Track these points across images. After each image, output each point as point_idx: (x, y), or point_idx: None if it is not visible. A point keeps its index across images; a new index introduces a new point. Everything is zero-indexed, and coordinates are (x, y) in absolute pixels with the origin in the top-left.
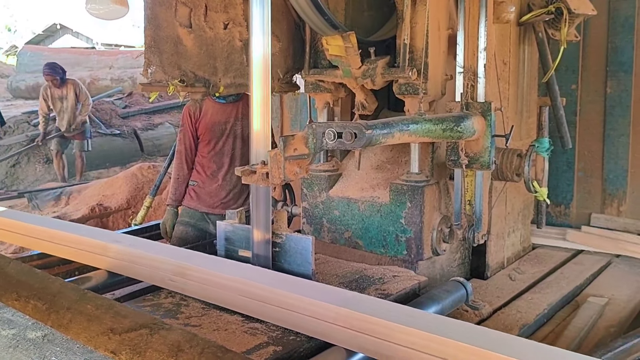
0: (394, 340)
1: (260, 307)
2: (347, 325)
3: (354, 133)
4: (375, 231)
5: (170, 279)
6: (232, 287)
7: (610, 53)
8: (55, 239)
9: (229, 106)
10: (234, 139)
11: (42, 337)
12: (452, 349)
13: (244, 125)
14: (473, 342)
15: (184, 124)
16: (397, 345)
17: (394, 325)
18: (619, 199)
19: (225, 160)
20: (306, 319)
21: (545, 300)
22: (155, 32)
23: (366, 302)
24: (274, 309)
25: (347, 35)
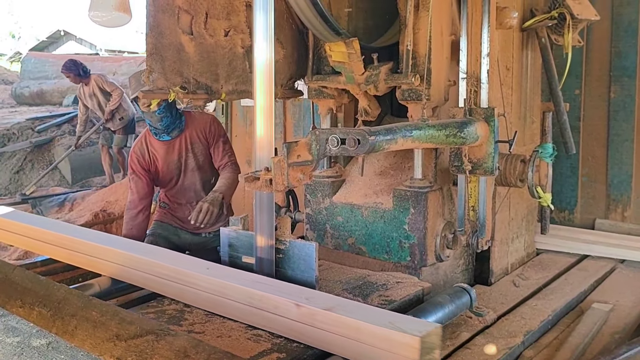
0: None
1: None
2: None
3: (357, 139)
4: (378, 237)
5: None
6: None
7: (614, 58)
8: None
9: (176, 142)
10: (192, 172)
11: (47, 345)
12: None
13: (197, 154)
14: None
15: (134, 171)
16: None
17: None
18: (623, 204)
19: (190, 194)
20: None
21: (550, 307)
22: (157, 39)
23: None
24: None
25: (350, 42)
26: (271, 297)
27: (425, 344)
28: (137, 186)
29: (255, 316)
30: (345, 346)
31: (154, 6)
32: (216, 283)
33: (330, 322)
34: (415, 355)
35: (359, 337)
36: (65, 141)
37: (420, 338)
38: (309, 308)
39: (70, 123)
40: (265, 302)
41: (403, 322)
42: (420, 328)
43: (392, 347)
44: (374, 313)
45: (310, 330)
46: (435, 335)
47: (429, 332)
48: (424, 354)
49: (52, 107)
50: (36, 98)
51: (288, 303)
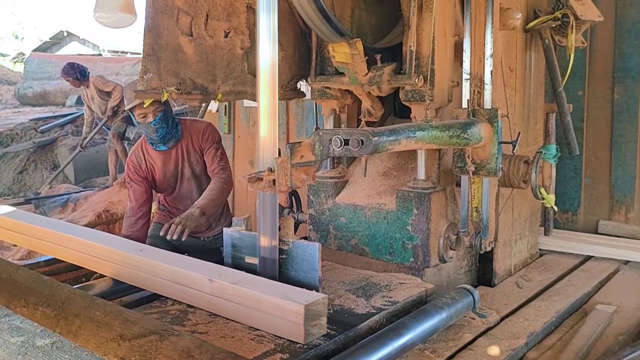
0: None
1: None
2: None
3: (361, 140)
4: (381, 238)
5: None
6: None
7: (617, 59)
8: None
9: (172, 152)
10: (188, 181)
11: (51, 345)
12: None
13: (192, 164)
14: None
15: (132, 179)
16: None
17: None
18: (626, 205)
19: (187, 202)
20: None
21: (553, 308)
22: (155, 40)
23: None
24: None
25: (353, 42)
26: (190, 274)
27: (309, 311)
28: (135, 193)
29: (179, 291)
30: (248, 315)
31: (154, 7)
32: (148, 263)
33: (237, 295)
34: (300, 321)
35: (259, 307)
36: (68, 141)
37: (304, 305)
38: (220, 283)
39: (73, 124)
40: (186, 279)
41: (295, 293)
42: (307, 298)
43: (284, 314)
44: (273, 286)
45: (221, 302)
46: (321, 304)
47: (314, 301)
48: (309, 319)
49: (55, 107)
50: (39, 98)
51: (203, 279)
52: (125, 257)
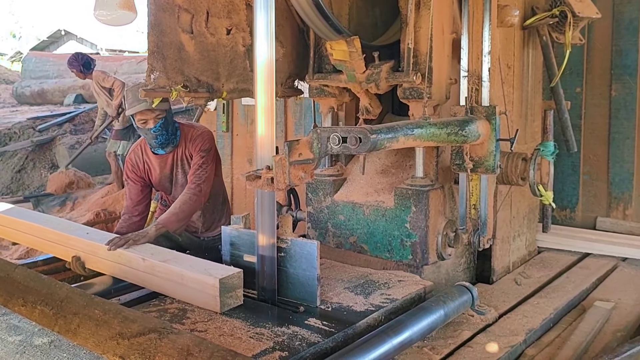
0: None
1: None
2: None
3: (359, 137)
4: (380, 236)
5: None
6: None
7: (615, 56)
8: (55, 238)
9: (169, 157)
10: (181, 187)
11: (49, 344)
12: None
13: (185, 170)
14: None
15: (129, 177)
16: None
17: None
18: (624, 202)
19: None
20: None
21: (552, 305)
22: (159, 38)
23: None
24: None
25: (351, 40)
26: (127, 253)
27: (224, 284)
28: (131, 192)
29: (118, 269)
30: (175, 289)
31: (155, 5)
32: (91, 244)
33: (165, 272)
34: (216, 293)
35: (184, 282)
36: (66, 140)
37: (219, 279)
38: (151, 261)
39: (71, 122)
40: (123, 258)
41: (215, 269)
42: (223, 272)
43: (203, 287)
44: (197, 263)
45: (151, 278)
46: (236, 278)
47: (228, 275)
48: (224, 291)
49: (53, 106)
50: (37, 97)
51: (137, 258)
52: (70, 240)
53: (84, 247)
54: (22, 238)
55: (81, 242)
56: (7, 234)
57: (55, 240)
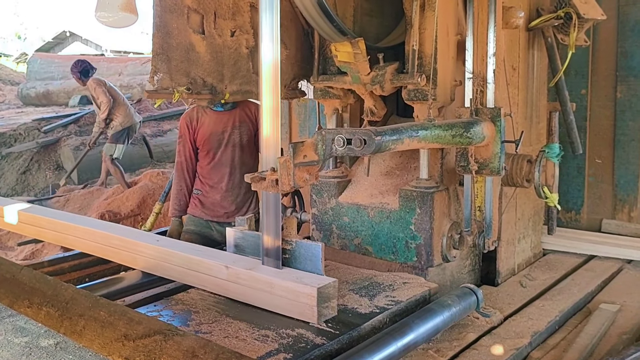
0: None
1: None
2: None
3: (363, 139)
4: (384, 237)
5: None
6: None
7: (620, 57)
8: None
9: (226, 114)
10: (232, 148)
11: (55, 345)
12: None
13: (243, 132)
14: None
15: (182, 135)
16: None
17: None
18: (630, 204)
19: (225, 171)
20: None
21: (557, 307)
22: (164, 40)
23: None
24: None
25: (355, 42)
26: (205, 261)
27: (321, 293)
28: (183, 148)
29: (191, 277)
30: (262, 298)
31: (161, 6)
32: (161, 251)
33: (251, 280)
34: (314, 303)
35: (273, 290)
36: (71, 141)
37: (317, 288)
38: (235, 269)
39: (76, 124)
40: (201, 266)
41: (307, 278)
42: (319, 281)
43: (297, 297)
44: (285, 272)
45: (235, 287)
46: (332, 287)
47: (325, 284)
48: (321, 301)
49: (59, 107)
50: (42, 99)
51: (219, 265)
52: (139, 246)
53: (155, 254)
54: (79, 244)
55: (151, 249)
56: (62, 240)
57: (122, 247)
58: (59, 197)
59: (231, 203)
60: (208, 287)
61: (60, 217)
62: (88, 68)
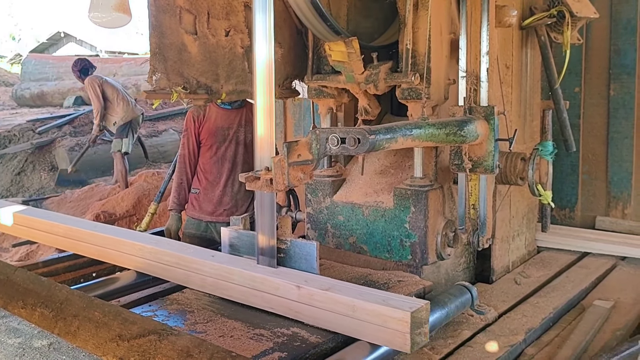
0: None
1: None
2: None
3: (358, 138)
4: (379, 236)
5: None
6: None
7: (613, 56)
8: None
9: (233, 112)
10: (236, 145)
11: (48, 346)
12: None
13: (247, 131)
14: None
15: (187, 129)
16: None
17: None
18: (623, 201)
19: (226, 166)
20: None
21: (551, 304)
22: (160, 40)
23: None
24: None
25: (349, 41)
26: (272, 279)
27: (415, 318)
28: (187, 142)
29: (256, 297)
30: (341, 323)
31: (155, 6)
32: (220, 268)
33: (328, 301)
34: (406, 329)
35: (354, 314)
36: (66, 142)
37: (410, 313)
38: (308, 289)
39: (71, 124)
40: (266, 285)
41: (394, 299)
42: (411, 304)
43: (385, 322)
44: (367, 292)
45: (309, 309)
46: (425, 311)
47: (418, 308)
48: (414, 328)
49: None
50: (37, 100)
51: (289, 285)
52: (193, 263)
53: (211, 272)
54: (124, 260)
55: (207, 266)
56: (104, 254)
57: (172, 263)
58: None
59: (230, 199)
60: (275, 309)
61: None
62: (87, 67)
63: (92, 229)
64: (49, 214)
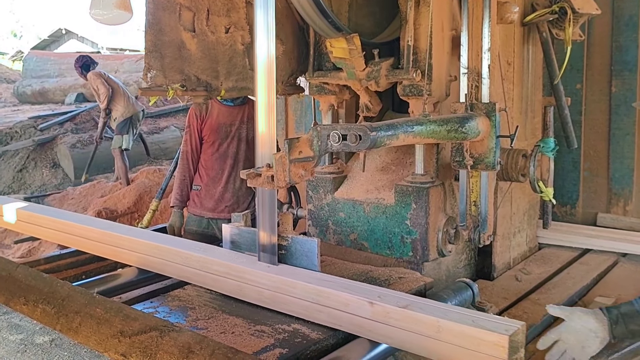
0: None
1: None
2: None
3: (359, 135)
4: (380, 233)
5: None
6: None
7: (615, 52)
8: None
9: (236, 109)
10: (238, 141)
11: (50, 342)
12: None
13: (249, 128)
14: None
15: (190, 125)
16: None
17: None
18: (625, 198)
19: (228, 162)
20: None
21: (552, 301)
22: (157, 37)
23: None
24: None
25: (350, 38)
26: (341, 294)
27: (512, 342)
28: (190, 138)
29: (321, 313)
30: (423, 345)
31: (154, 4)
32: (280, 281)
33: (407, 321)
34: (504, 355)
35: (439, 335)
36: (68, 139)
37: (508, 337)
38: (383, 306)
39: (72, 121)
40: (333, 300)
41: (483, 319)
42: (506, 326)
43: (477, 346)
44: (451, 311)
45: (384, 327)
46: (521, 333)
47: (516, 330)
48: (512, 353)
49: (55, 105)
50: (38, 96)
51: (360, 301)
52: (247, 273)
53: (271, 285)
54: (168, 268)
55: (265, 278)
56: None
57: (221, 273)
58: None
59: (232, 196)
60: (343, 326)
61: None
62: (89, 62)
63: (125, 233)
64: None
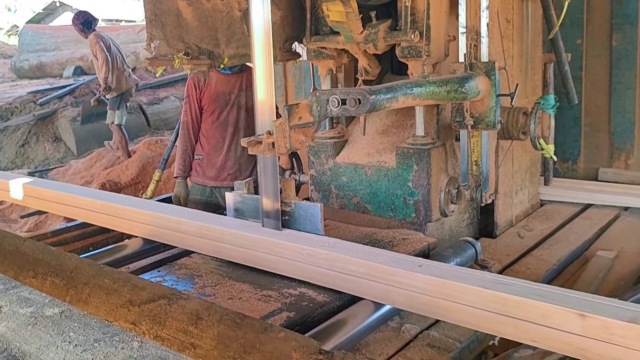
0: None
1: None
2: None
3: (358, 99)
4: (383, 195)
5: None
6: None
7: (615, 5)
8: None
9: (234, 77)
10: (238, 109)
11: (60, 314)
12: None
13: (249, 96)
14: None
15: (189, 95)
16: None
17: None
18: (626, 152)
19: (229, 131)
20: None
21: (555, 256)
22: (156, 6)
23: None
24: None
25: (347, 0)
26: (535, 303)
27: None
28: (189, 108)
29: (507, 326)
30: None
31: None
32: (445, 285)
33: (634, 337)
34: None
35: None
36: (68, 113)
37: None
38: (600, 319)
39: (71, 95)
40: (509, 306)
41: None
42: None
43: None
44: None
45: (595, 344)
46: None
47: None
48: None
49: (53, 79)
50: (36, 71)
51: (570, 313)
52: (394, 275)
53: (428, 289)
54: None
55: (421, 281)
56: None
57: (360, 274)
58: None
59: (234, 164)
60: (539, 342)
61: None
62: (90, 19)
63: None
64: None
